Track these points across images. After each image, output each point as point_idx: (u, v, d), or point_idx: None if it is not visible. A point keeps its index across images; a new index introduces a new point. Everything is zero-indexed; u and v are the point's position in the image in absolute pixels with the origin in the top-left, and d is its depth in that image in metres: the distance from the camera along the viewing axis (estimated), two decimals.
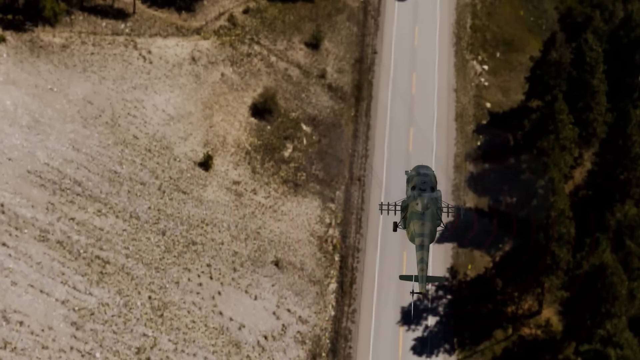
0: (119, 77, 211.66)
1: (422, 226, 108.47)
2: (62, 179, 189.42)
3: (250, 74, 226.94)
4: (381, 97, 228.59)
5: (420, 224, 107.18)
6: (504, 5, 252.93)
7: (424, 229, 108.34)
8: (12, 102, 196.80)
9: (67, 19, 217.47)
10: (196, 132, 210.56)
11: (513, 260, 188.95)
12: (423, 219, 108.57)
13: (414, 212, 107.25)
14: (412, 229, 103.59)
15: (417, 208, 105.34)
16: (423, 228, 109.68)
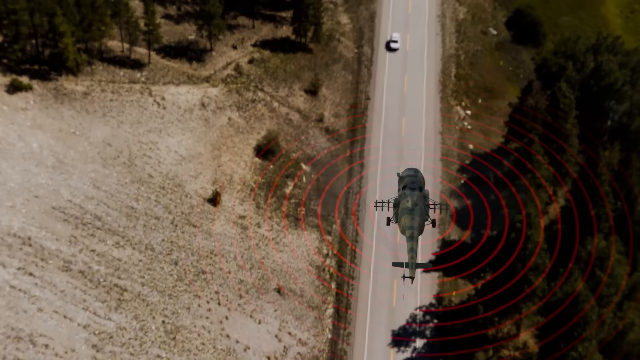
0: (136, 121, 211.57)
1: (412, 220, 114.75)
2: (84, 214, 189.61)
3: (254, 118, 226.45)
4: (374, 139, 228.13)
5: (410, 218, 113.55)
6: (485, 56, 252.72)
7: (414, 223, 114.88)
8: (38, 145, 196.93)
9: (88, 68, 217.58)
10: (205, 171, 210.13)
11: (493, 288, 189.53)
12: (413, 214, 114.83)
13: (404, 208, 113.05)
14: (403, 223, 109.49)
15: (407, 204, 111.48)
16: (413, 222, 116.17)
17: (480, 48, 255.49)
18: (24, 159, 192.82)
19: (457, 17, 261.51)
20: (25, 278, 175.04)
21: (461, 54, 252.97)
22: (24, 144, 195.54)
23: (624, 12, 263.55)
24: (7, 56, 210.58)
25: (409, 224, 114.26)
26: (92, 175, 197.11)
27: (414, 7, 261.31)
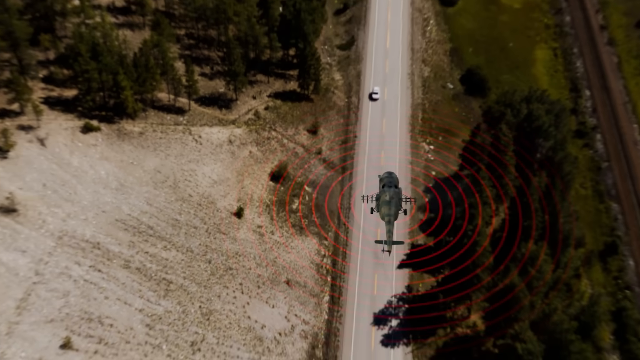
0: (179, 154, 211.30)
1: (389, 209, 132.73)
2: (140, 224, 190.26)
3: (269, 151, 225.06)
4: (359, 167, 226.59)
5: (388, 208, 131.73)
6: (444, 105, 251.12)
7: (391, 211, 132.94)
8: (105, 172, 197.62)
9: (142, 114, 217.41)
10: (232, 192, 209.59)
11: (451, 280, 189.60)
12: (390, 204, 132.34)
13: (384, 201, 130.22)
14: (383, 211, 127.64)
15: (385, 198, 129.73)
16: (390, 210, 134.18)
17: (440, 98, 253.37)
18: (94, 183, 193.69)
19: (423, 75, 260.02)
20: (95, 274, 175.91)
21: (426, 103, 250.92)
22: (94, 172, 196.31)
23: (549, 71, 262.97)
24: (82, 105, 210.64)
25: (387, 212, 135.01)
26: (145, 195, 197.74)
27: (390, 68, 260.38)
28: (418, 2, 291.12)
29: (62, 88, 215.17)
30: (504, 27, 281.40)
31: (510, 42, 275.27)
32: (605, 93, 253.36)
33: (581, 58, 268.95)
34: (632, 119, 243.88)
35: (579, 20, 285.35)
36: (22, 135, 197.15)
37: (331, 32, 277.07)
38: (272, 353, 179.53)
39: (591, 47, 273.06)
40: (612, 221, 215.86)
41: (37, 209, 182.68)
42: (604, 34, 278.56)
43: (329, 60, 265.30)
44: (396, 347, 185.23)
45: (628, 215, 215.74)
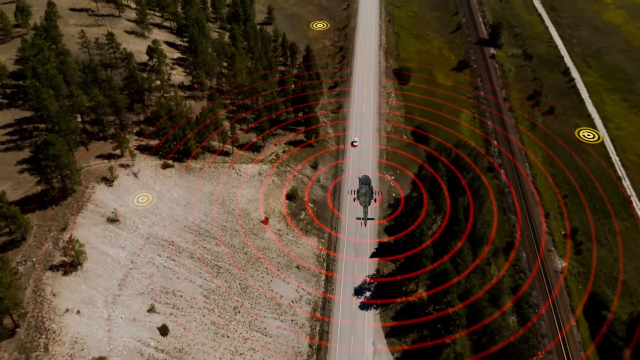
0: (226, 182, 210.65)
1: (365, 198, 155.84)
2: (200, 229, 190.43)
3: (285, 180, 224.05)
4: (344, 191, 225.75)
5: (364, 197, 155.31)
6: (401, 149, 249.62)
7: (366, 199, 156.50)
8: (177, 195, 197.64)
9: (202, 155, 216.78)
10: (260, 207, 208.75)
11: (405, 266, 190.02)
12: (365, 195, 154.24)
13: (361, 193, 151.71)
14: (361, 200, 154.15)
15: (362, 191, 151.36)
16: (365, 199, 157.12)
17: (398, 145, 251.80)
18: (170, 202, 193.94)
19: (387, 130, 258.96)
20: (170, 262, 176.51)
21: (389, 149, 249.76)
22: (170, 194, 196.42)
23: (470, 128, 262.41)
24: (162, 150, 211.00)
25: (364, 200, 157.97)
26: (204, 210, 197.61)
27: (365, 125, 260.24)
28: (384, 81, 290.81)
29: (149, 139, 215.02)
30: (441, 98, 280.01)
31: (444, 108, 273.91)
32: (507, 143, 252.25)
33: (491, 119, 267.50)
34: (525, 160, 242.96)
35: (490, 94, 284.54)
36: (122, 171, 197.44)
37: (326, 102, 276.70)
38: (287, 314, 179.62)
39: (497, 112, 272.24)
40: (511, 227, 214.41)
41: (132, 219, 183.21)
42: (506, 104, 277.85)
43: (325, 120, 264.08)
44: (369, 310, 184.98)
45: (522, 224, 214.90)
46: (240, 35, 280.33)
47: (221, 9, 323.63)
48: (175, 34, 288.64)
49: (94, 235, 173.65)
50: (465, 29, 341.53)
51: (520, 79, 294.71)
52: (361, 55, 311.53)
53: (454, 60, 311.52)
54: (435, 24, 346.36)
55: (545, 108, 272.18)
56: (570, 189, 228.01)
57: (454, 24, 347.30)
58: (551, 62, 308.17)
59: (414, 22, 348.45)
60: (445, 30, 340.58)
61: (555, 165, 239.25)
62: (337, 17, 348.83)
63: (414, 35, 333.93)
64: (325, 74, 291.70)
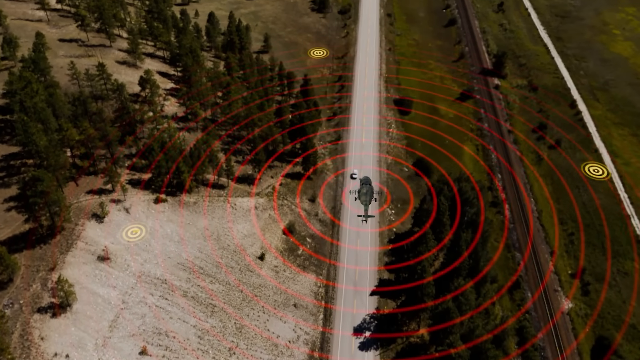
0: (220, 217, 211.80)
1: (366, 197, 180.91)
2: (194, 266, 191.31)
3: (282, 214, 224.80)
4: (344, 225, 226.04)
5: (365, 197, 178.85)
6: (401, 182, 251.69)
7: (367, 199, 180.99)
8: (170, 230, 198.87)
9: (196, 189, 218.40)
10: (257, 242, 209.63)
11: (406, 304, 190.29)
12: (366, 195, 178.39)
13: (362, 193, 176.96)
14: (362, 199, 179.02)
15: (363, 191, 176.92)
16: (366, 198, 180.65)
17: (399, 178, 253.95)
18: (163, 238, 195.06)
19: (387, 161, 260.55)
20: (163, 301, 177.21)
21: (389, 181, 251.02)
22: (162, 230, 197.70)
23: (473, 160, 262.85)
24: (154, 184, 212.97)
25: (365, 199, 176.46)
26: (198, 245, 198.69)
27: (365, 157, 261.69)
28: (384, 111, 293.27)
29: (141, 173, 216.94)
30: (443, 129, 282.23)
31: (447, 140, 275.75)
32: (512, 177, 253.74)
33: (495, 152, 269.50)
34: (530, 195, 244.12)
35: (494, 126, 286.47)
36: (113, 206, 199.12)
37: (325, 132, 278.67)
38: (284, 355, 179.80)
39: (502, 144, 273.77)
40: (516, 265, 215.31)
41: (123, 257, 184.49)
42: (511, 136, 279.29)
43: (323, 151, 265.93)
44: (369, 350, 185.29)
45: (527, 262, 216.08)
46: (235, 64, 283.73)
47: (216, 38, 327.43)
48: (169, 64, 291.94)
49: (84, 274, 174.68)
50: (469, 58, 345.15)
51: (525, 110, 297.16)
52: (361, 84, 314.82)
53: (457, 90, 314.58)
54: (437, 53, 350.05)
55: (551, 141, 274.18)
56: (577, 226, 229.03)
57: (456, 53, 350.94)
58: (557, 93, 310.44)
59: (415, 51, 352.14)
60: (447, 60, 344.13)
61: (562, 201, 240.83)
62: (336, 45, 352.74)
63: (416, 64, 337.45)
64: (323, 104, 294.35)
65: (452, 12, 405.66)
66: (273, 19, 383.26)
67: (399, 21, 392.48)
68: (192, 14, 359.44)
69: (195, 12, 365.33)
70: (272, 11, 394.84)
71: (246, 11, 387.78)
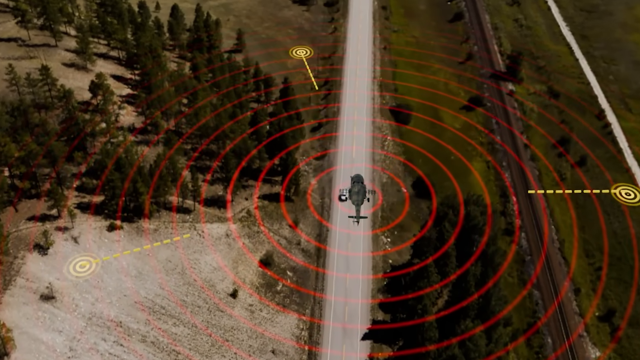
0: (186, 246, 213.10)
1: (358, 197, 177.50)
2: (154, 305, 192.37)
3: (258, 242, 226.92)
4: (330, 256, 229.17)
5: (356, 196, 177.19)
6: (399, 205, 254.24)
7: (359, 198, 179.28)
8: (126, 263, 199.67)
9: (157, 214, 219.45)
10: (228, 277, 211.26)
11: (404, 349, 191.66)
12: (358, 194, 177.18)
13: (354, 192, 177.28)
14: (353, 199, 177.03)
15: (355, 190, 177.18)
16: (358, 197, 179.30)
17: (396, 200, 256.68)
18: (118, 272, 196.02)
19: (382, 181, 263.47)
20: (118, 347, 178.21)
21: (384, 204, 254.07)
22: (117, 263, 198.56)
23: (483, 180, 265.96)
24: (107, 208, 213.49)
25: (356, 199, 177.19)
26: (159, 281, 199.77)
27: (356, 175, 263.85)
28: (378, 121, 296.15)
29: (92, 195, 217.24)
30: (448, 142, 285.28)
31: (452, 155, 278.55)
32: (529, 200, 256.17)
33: (509, 170, 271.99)
34: (550, 221, 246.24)
35: (507, 139, 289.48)
36: (60, 235, 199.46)
37: (308, 145, 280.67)
38: None
39: (517, 161, 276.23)
40: (534, 305, 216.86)
41: (71, 295, 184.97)
42: (527, 151, 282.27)
43: (307, 168, 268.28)
44: None
45: (546, 301, 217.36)
46: (203, 66, 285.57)
47: (180, 35, 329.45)
48: (125, 66, 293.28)
49: (25, 316, 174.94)
50: (478, 59, 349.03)
51: (544, 121, 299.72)
52: (351, 89, 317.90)
53: (464, 97, 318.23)
54: (441, 53, 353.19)
55: (575, 158, 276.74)
56: (606, 260, 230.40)
57: (463, 53, 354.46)
58: (582, 102, 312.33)
59: (414, 50, 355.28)
60: (453, 60, 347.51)
61: (588, 229, 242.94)
62: (321, 43, 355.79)
63: (415, 65, 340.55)
64: (307, 113, 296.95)
65: (458, 5, 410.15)
66: (247, 12, 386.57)
67: (396, 15, 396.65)
68: (152, 7, 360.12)
69: (155, 4, 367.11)
70: (247, 3, 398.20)
71: (216, 3, 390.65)
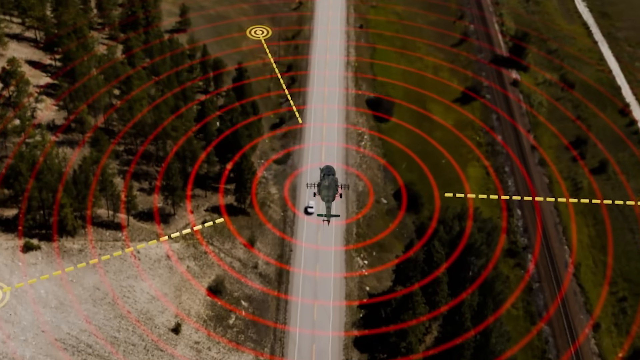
0: (118, 270, 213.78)
1: (328, 192, 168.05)
2: (79, 343, 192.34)
3: (206, 265, 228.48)
4: (295, 282, 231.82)
5: (327, 191, 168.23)
6: (378, 220, 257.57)
7: (329, 193, 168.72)
8: (45, 291, 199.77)
9: (82, 230, 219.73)
10: (170, 307, 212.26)
11: None
12: (328, 189, 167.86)
13: (324, 186, 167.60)
14: (323, 194, 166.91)
15: (325, 184, 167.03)
16: (329, 192, 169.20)
17: (375, 213, 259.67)
18: (34, 303, 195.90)
19: (357, 189, 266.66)
20: None
21: (360, 218, 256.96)
22: (34, 291, 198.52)
23: (481, 189, 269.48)
24: (22, 224, 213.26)
25: (327, 194, 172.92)
26: (84, 313, 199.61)
27: None
28: (353, 117, 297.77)
29: (3, 208, 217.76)
30: (438, 143, 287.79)
31: (443, 159, 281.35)
32: (536, 214, 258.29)
33: (512, 177, 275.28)
34: (563, 240, 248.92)
35: (510, 139, 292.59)
36: None
37: (267, 146, 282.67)
38: None
39: (522, 166, 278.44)
40: (544, 344, 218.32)
41: None
42: (535, 154, 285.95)
43: (265, 174, 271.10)
44: None
45: (559, 339, 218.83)
46: (139, 49, 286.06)
47: (111, 10, 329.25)
48: (43, 49, 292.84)
49: None
50: (475, 40, 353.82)
51: (556, 117, 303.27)
52: (320, 76, 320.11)
53: (458, 87, 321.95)
54: (430, 33, 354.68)
55: (593, 163, 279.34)
56: (630, 288, 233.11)
57: (457, 33, 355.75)
58: (602, 94, 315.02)
59: (397, 29, 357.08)
60: (444, 42, 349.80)
61: (609, 250, 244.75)
62: (284, 21, 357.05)
63: (398, 47, 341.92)
64: (266, 105, 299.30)
65: None
66: None
67: None
68: None
69: None
70: None
71: None
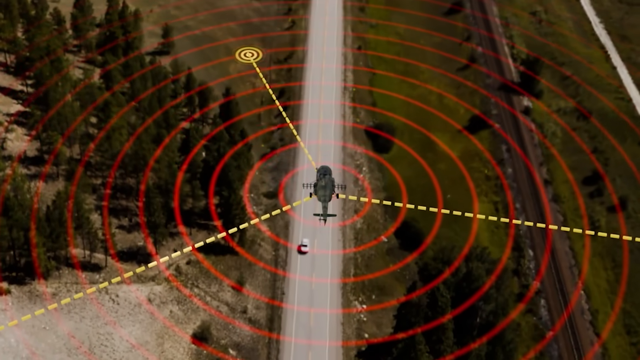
0: (95, 316, 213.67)
1: (325, 192, 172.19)
2: None
3: (191, 310, 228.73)
4: (287, 329, 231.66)
5: (323, 191, 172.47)
6: (378, 260, 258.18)
7: (326, 193, 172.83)
8: (15, 340, 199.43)
9: (56, 272, 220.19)
10: (152, 357, 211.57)
11: None
12: (325, 189, 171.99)
13: (320, 186, 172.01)
14: (320, 194, 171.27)
15: (322, 184, 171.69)
16: (325, 192, 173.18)
17: (373, 252, 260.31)
18: (3, 353, 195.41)
19: (355, 227, 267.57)
20: None
21: (358, 257, 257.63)
22: (3, 340, 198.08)
23: (490, 227, 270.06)
24: None
25: (323, 194, 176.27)
26: None
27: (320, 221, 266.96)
28: (350, 147, 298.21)
29: None
30: (442, 177, 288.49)
31: (448, 193, 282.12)
32: (550, 254, 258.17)
33: (524, 214, 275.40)
34: (579, 284, 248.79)
35: (521, 173, 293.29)
36: None
37: (257, 179, 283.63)
38: None
39: (535, 202, 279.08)
40: None
41: None
42: (548, 189, 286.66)
43: (255, 209, 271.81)
44: None
45: None
46: (119, 73, 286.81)
47: (87, 32, 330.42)
48: (14, 74, 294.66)
49: None
50: (483, 64, 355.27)
51: (571, 149, 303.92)
52: (314, 103, 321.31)
53: (464, 115, 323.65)
54: (434, 56, 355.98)
55: (611, 200, 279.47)
56: None
57: (464, 56, 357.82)
58: (622, 124, 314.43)
59: (399, 52, 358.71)
60: (450, 66, 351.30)
61: (629, 297, 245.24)
62: (275, 43, 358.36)
63: (400, 72, 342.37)
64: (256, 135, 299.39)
65: None
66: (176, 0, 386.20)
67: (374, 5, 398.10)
68: None
69: None
70: None
71: None
